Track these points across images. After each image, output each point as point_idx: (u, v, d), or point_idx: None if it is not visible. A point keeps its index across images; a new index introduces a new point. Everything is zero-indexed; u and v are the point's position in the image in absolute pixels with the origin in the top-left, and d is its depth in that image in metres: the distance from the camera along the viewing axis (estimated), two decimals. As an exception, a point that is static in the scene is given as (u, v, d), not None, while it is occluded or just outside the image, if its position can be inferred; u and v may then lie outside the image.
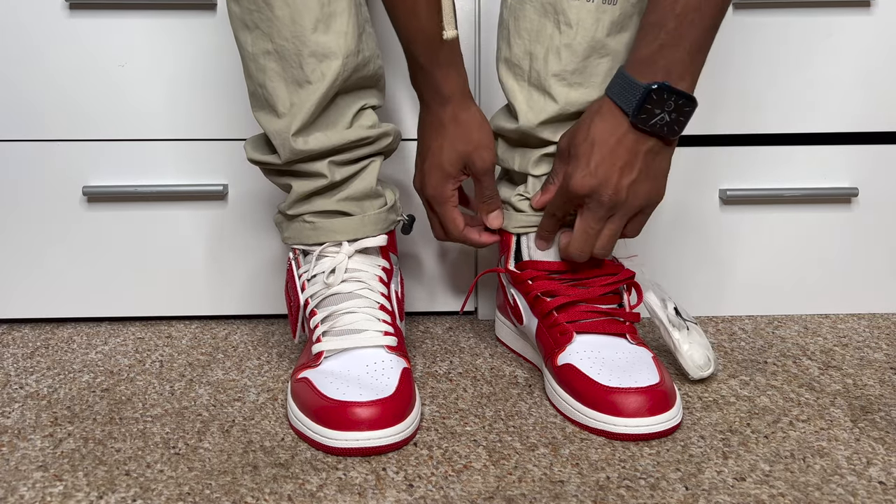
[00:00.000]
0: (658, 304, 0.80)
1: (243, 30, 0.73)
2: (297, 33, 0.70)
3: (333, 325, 0.75)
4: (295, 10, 0.70)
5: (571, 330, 0.76)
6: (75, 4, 0.89)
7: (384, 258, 0.80)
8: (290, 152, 0.74)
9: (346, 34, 0.71)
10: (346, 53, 0.72)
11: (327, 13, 0.70)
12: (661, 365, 0.74)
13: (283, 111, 0.73)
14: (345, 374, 0.71)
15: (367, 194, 0.77)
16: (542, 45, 0.76)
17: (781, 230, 0.96)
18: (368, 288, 0.76)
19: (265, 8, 0.70)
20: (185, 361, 0.87)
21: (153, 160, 0.93)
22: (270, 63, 0.72)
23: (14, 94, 0.91)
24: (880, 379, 0.81)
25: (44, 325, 0.98)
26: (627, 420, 0.69)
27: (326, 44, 0.71)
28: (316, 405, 0.69)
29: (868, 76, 0.93)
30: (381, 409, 0.67)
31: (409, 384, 0.72)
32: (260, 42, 0.72)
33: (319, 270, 0.76)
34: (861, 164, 0.95)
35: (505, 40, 0.79)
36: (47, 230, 0.94)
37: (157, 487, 0.64)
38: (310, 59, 0.71)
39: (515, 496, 0.62)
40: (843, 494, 0.62)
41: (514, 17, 0.78)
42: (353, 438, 0.66)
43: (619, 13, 0.74)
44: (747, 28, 0.91)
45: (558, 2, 0.74)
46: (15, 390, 0.81)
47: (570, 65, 0.75)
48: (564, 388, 0.74)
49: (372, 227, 0.78)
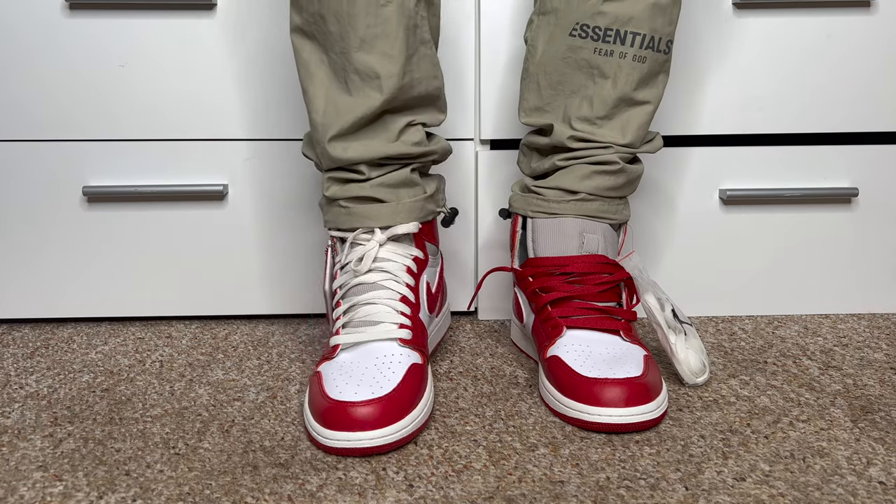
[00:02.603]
0: (656, 307, 0.80)
1: (302, 37, 0.76)
2: (344, 49, 0.73)
3: (353, 316, 0.76)
4: (343, 28, 0.73)
5: (563, 324, 0.77)
6: (75, 4, 0.89)
7: (418, 247, 0.79)
8: (329, 160, 0.77)
9: (392, 56, 0.73)
10: (389, 75, 0.73)
11: (373, 34, 0.73)
12: (651, 362, 0.74)
13: (317, 119, 0.76)
14: (352, 368, 0.72)
15: (403, 182, 0.78)
16: (577, 95, 0.81)
17: (781, 230, 0.96)
18: (394, 279, 0.77)
19: (321, 22, 0.74)
20: (185, 361, 0.87)
21: (153, 160, 0.93)
22: (321, 72, 0.76)
23: (14, 93, 0.91)
24: (880, 379, 0.81)
25: (44, 325, 0.98)
26: (602, 409, 0.70)
27: (369, 63, 0.73)
28: (319, 404, 0.69)
29: (868, 76, 0.93)
30: (377, 409, 0.67)
31: (416, 380, 0.71)
32: (316, 52, 0.76)
33: (350, 259, 0.77)
34: (861, 164, 0.95)
35: (534, 92, 0.83)
36: (47, 230, 0.94)
37: (157, 487, 0.64)
38: (353, 76, 0.74)
39: (515, 496, 0.62)
40: (843, 494, 0.62)
41: (543, 71, 0.81)
42: (346, 439, 0.66)
43: (647, 70, 0.79)
44: (747, 28, 0.91)
45: (593, 58, 0.79)
46: (15, 390, 0.81)
47: (599, 112, 0.80)
48: (550, 381, 0.75)
49: (406, 215, 0.78)
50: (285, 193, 0.94)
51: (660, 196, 0.95)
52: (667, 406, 0.74)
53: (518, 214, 0.85)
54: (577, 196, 0.80)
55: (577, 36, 0.79)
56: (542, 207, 0.82)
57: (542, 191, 0.82)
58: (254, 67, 0.91)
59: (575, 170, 0.80)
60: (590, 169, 0.80)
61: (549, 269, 0.80)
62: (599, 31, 0.78)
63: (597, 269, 0.79)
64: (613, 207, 0.82)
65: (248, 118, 0.92)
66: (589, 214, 0.81)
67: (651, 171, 0.94)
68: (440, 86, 0.79)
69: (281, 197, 0.95)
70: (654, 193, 0.95)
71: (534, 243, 0.82)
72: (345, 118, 0.75)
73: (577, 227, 0.80)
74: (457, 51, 0.92)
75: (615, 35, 0.78)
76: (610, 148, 0.80)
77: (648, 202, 0.95)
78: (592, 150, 0.80)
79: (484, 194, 0.95)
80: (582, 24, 0.78)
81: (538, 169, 0.84)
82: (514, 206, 0.84)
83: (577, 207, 0.81)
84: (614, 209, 0.82)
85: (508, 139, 0.94)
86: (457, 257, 0.97)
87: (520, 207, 0.84)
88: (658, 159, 0.94)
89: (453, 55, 0.92)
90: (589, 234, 0.80)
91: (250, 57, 0.91)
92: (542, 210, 0.82)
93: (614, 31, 0.78)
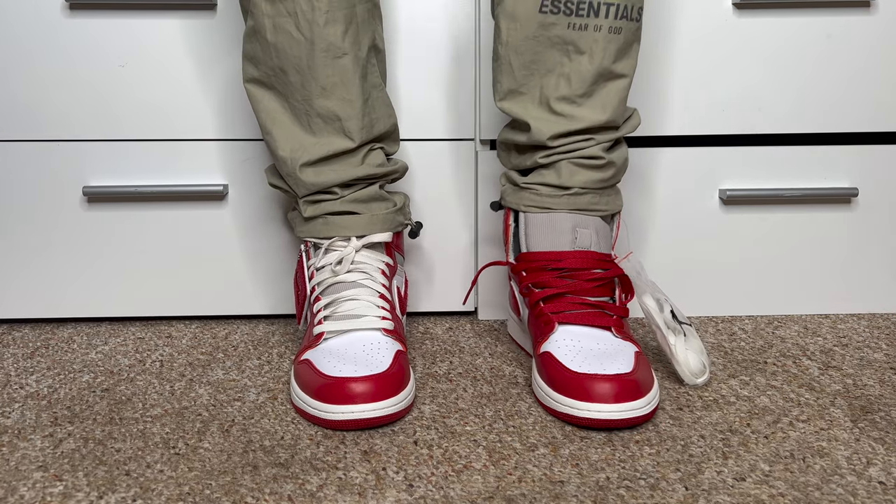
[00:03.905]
0: (654, 308, 0.80)
1: (260, 87, 0.81)
2: (306, 97, 0.79)
3: (335, 310, 0.80)
4: (304, 78, 0.78)
5: (555, 320, 0.78)
6: (75, 4, 0.89)
7: (388, 255, 0.84)
8: (304, 187, 0.81)
9: (350, 101, 0.79)
10: (348, 117, 0.79)
11: (332, 82, 0.78)
12: (642, 359, 0.75)
13: (285, 154, 0.81)
14: (342, 352, 0.76)
15: (373, 197, 0.83)
16: (553, 73, 0.79)
17: (781, 230, 0.96)
18: (371, 279, 0.81)
19: (281, 74, 0.79)
20: (185, 361, 0.87)
21: (153, 160, 0.93)
22: (283, 118, 0.81)
23: (14, 93, 0.91)
24: (880, 379, 0.81)
25: (44, 325, 0.98)
26: (591, 405, 0.70)
27: (330, 108, 0.79)
28: (315, 383, 0.73)
29: (868, 76, 0.93)
30: (375, 384, 0.71)
31: (403, 363, 0.75)
32: (276, 100, 0.81)
33: (327, 262, 0.81)
34: (861, 164, 0.95)
35: (507, 74, 0.81)
36: (47, 230, 0.94)
37: (157, 487, 0.64)
38: (317, 119, 0.80)
39: (515, 496, 0.62)
40: (843, 494, 0.62)
41: (514, 52, 0.79)
42: (349, 411, 0.70)
43: (623, 41, 0.78)
44: (747, 28, 0.91)
45: (567, 33, 0.77)
46: (15, 390, 0.81)
47: (578, 89, 0.78)
48: (542, 376, 0.75)
49: (380, 226, 0.83)
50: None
51: (660, 196, 0.95)
52: (658, 402, 0.74)
53: (510, 208, 0.85)
54: (570, 191, 0.81)
55: (547, 12, 0.76)
56: (534, 202, 0.82)
57: (535, 186, 0.82)
58: (254, 67, 0.91)
59: (561, 167, 0.80)
60: (575, 165, 0.80)
61: (543, 263, 0.80)
62: (572, 5, 0.76)
63: (590, 265, 0.80)
64: (605, 198, 0.82)
65: (248, 118, 0.92)
66: (581, 208, 0.81)
67: (651, 171, 0.94)
68: (396, 122, 0.85)
69: (281, 197, 0.95)
70: (654, 193, 0.95)
71: (526, 238, 0.82)
72: (312, 153, 0.80)
73: (569, 221, 0.80)
74: (457, 51, 0.92)
75: (588, 7, 0.76)
76: (591, 140, 0.79)
77: (648, 202, 0.95)
78: (573, 143, 0.80)
79: (483, 194, 0.95)
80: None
81: (520, 164, 0.84)
82: (507, 200, 0.84)
83: (570, 202, 0.81)
84: (606, 200, 0.82)
85: (508, 139, 0.94)
86: (456, 257, 0.97)
87: (512, 202, 0.84)
88: (658, 159, 0.94)
89: (453, 55, 0.92)
90: (581, 228, 0.80)
91: (250, 57, 0.91)
92: (535, 205, 0.82)
93: (587, 4, 0.76)
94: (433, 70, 0.92)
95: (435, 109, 0.93)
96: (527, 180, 0.83)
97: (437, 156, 0.94)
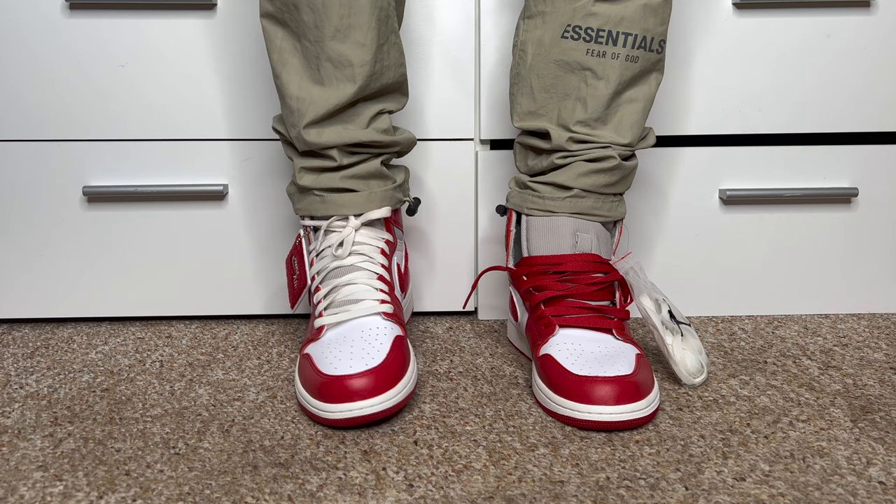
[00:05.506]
0: (652, 308, 0.80)
1: (273, 23, 0.78)
2: (318, 38, 0.76)
3: (335, 297, 0.79)
4: (318, 17, 0.75)
5: (555, 323, 0.78)
6: (75, 4, 0.89)
7: (388, 231, 0.83)
8: (304, 144, 0.79)
9: (364, 46, 0.76)
10: (362, 63, 0.76)
11: (346, 24, 0.75)
12: (642, 361, 0.75)
13: (292, 104, 0.78)
14: (341, 342, 0.75)
15: (373, 174, 0.81)
16: (570, 98, 0.81)
17: (781, 230, 0.96)
18: (369, 260, 0.80)
19: (294, 11, 0.76)
20: (185, 361, 0.87)
21: (153, 160, 0.93)
22: (294, 60, 0.78)
23: (14, 94, 0.91)
24: (880, 379, 0.81)
25: (44, 325, 0.98)
26: (591, 407, 0.70)
27: (343, 52, 0.76)
28: (314, 381, 0.73)
29: (868, 76, 0.93)
30: (371, 379, 0.70)
31: (402, 350, 0.74)
32: (288, 38, 0.78)
33: (327, 245, 0.81)
34: (861, 164, 0.95)
35: (528, 96, 0.83)
36: (47, 230, 0.94)
37: (157, 487, 0.64)
38: (326, 63, 0.76)
39: (515, 496, 0.62)
40: (843, 494, 0.62)
41: (536, 75, 0.81)
42: (347, 410, 0.70)
43: (639, 69, 0.80)
44: (747, 28, 0.91)
45: (585, 59, 0.79)
46: (15, 390, 0.81)
47: (594, 113, 0.80)
48: (542, 379, 0.75)
49: (378, 203, 0.81)
50: (285, 193, 0.94)
51: (660, 196, 0.95)
52: (658, 404, 0.74)
53: (513, 211, 0.85)
54: (571, 192, 0.81)
55: (569, 38, 0.79)
56: (537, 204, 0.82)
57: (538, 187, 0.82)
58: (254, 67, 0.91)
59: (573, 167, 0.81)
60: (587, 167, 0.80)
61: (543, 267, 0.81)
62: (591, 32, 0.78)
63: (590, 268, 0.80)
64: (608, 204, 0.82)
65: (248, 118, 0.92)
66: (582, 212, 0.81)
67: (651, 171, 0.94)
68: (405, 72, 0.82)
69: (281, 197, 0.95)
70: (653, 193, 0.95)
71: (528, 241, 0.82)
72: (319, 107, 0.77)
73: (570, 226, 0.81)
74: (457, 51, 0.92)
75: (607, 36, 0.78)
76: (609, 148, 0.81)
77: (648, 202, 0.95)
78: (591, 149, 0.81)
79: (484, 194, 0.95)
80: (574, 26, 0.78)
81: (535, 167, 0.84)
82: (511, 202, 0.85)
83: (571, 204, 0.81)
84: (608, 206, 0.82)
85: (508, 139, 0.94)
86: (456, 257, 0.97)
87: (516, 204, 0.84)
88: (658, 159, 0.94)
89: (453, 55, 0.92)
90: (582, 233, 0.81)
91: (250, 57, 0.91)
92: (537, 207, 0.82)
93: (606, 32, 0.78)
94: (433, 70, 0.92)
95: (435, 109, 0.93)
96: (534, 180, 0.83)
97: (438, 156, 0.94)
